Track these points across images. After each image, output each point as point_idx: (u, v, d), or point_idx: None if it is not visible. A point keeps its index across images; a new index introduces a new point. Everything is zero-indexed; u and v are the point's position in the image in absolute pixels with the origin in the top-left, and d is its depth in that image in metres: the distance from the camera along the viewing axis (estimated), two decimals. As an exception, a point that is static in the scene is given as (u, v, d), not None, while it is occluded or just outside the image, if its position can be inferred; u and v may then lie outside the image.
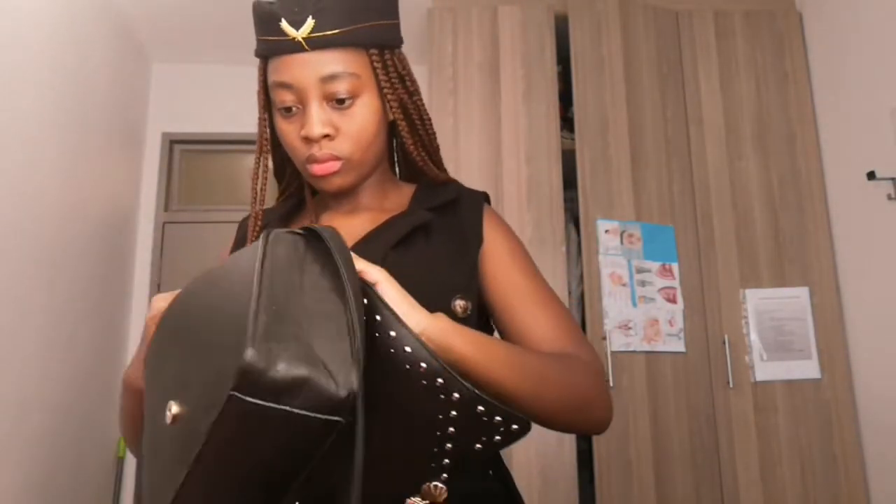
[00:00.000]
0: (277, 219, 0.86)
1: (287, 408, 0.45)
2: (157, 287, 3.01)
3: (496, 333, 0.85)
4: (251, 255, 0.55)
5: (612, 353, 2.05)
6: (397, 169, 0.96)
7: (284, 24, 0.73)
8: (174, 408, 0.49)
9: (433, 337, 0.61)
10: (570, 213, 2.42)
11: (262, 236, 0.57)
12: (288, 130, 0.78)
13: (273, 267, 0.52)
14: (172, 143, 3.23)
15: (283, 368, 0.44)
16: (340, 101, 0.76)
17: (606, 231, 2.16)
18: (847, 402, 2.14)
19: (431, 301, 0.72)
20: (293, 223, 0.88)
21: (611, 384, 2.01)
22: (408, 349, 0.56)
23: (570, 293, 2.24)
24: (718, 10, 2.46)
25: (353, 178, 0.80)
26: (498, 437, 0.58)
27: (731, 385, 2.14)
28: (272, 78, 0.77)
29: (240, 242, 0.88)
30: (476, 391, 0.56)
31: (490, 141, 2.28)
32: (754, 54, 2.43)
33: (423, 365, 0.55)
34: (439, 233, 0.81)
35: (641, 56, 2.36)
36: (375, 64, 0.77)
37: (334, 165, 0.77)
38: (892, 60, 2.03)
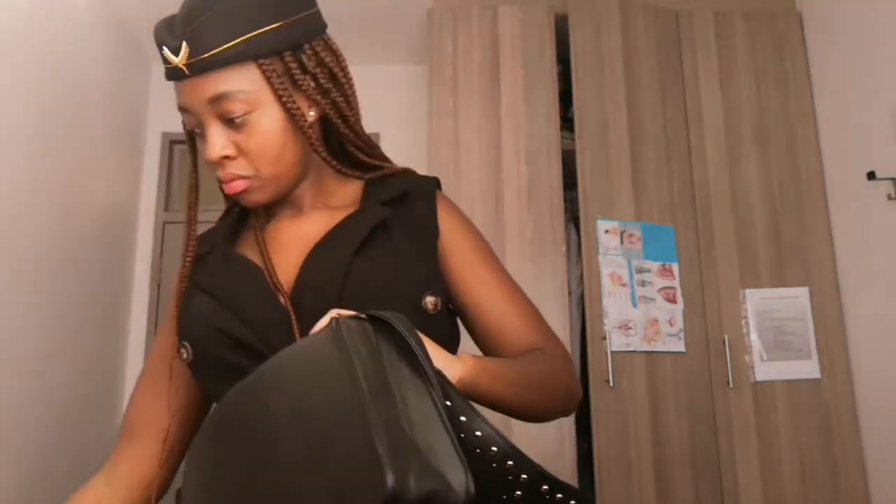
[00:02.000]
0: (222, 240, 0.83)
1: None
2: (157, 287, 3.01)
3: (464, 331, 0.85)
4: (327, 351, 0.53)
5: (612, 353, 2.05)
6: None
7: (166, 52, 0.72)
8: None
9: (466, 381, 0.64)
10: (570, 213, 2.42)
11: (329, 328, 0.55)
12: (201, 151, 0.77)
13: (363, 367, 0.51)
14: (172, 143, 3.22)
15: (415, 487, 0.45)
16: (236, 119, 0.73)
17: (606, 231, 2.16)
18: (847, 402, 2.14)
19: (403, 300, 0.73)
20: (240, 238, 0.85)
21: (611, 384, 2.01)
22: (479, 433, 0.56)
23: (570, 293, 2.24)
24: (718, 10, 2.46)
25: (271, 191, 0.78)
26: None
27: (731, 385, 2.14)
28: (176, 102, 0.76)
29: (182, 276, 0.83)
30: (543, 470, 0.57)
31: (490, 141, 2.28)
32: (754, 54, 2.43)
33: (494, 448, 0.56)
34: (398, 228, 0.80)
35: (641, 56, 2.36)
36: (268, 74, 0.73)
37: (241, 184, 0.76)
38: (892, 60, 2.03)
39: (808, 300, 2.22)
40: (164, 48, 0.72)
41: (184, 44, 0.70)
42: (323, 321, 0.59)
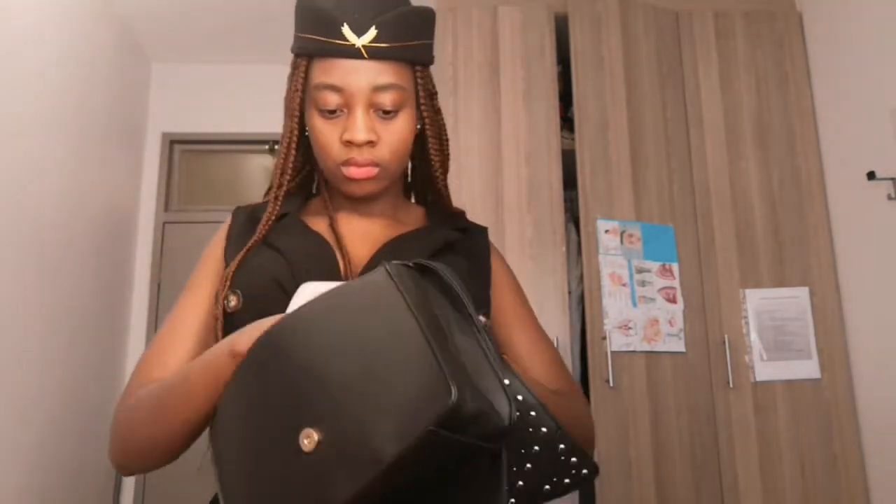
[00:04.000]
0: (296, 210, 0.86)
1: (468, 439, 0.48)
2: (157, 287, 3.01)
3: None
4: (381, 284, 0.56)
5: (612, 353, 2.05)
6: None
7: (346, 30, 0.74)
8: (315, 435, 0.51)
9: None
10: (570, 213, 2.42)
11: (381, 267, 0.58)
12: (327, 131, 0.78)
13: (414, 299, 0.54)
14: (172, 143, 3.23)
15: (471, 404, 0.48)
16: (386, 112, 0.77)
17: (606, 231, 2.16)
18: (847, 402, 2.14)
19: None
20: (305, 218, 0.87)
21: (611, 384, 2.01)
22: (506, 381, 0.58)
23: (570, 293, 2.24)
24: (718, 10, 2.46)
25: (383, 185, 0.82)
26: (567, 480, 0.61)
27: (731, 385, 2.14)
28: (319, 79, 0.77)
29: (238, 232, 0.85)
30: (563, 428, 0.59)
31: (490, 141, 2.28)
32: (754, 54, 2.43)
33: (520, 397, 0.59)
34: (462, 252, 0.85)
35: (641, 56, 2.36)
36: (419, 80, 0.80)
37: (372, 171, 0.79)
38: (892, 60, 2.03)
39: (808, 300, 2.22)
40: (346, 25, 0.75)
41: (373, 27, 0.75)
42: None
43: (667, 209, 2.26)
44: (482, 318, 0.77)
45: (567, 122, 2.40)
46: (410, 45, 0.78)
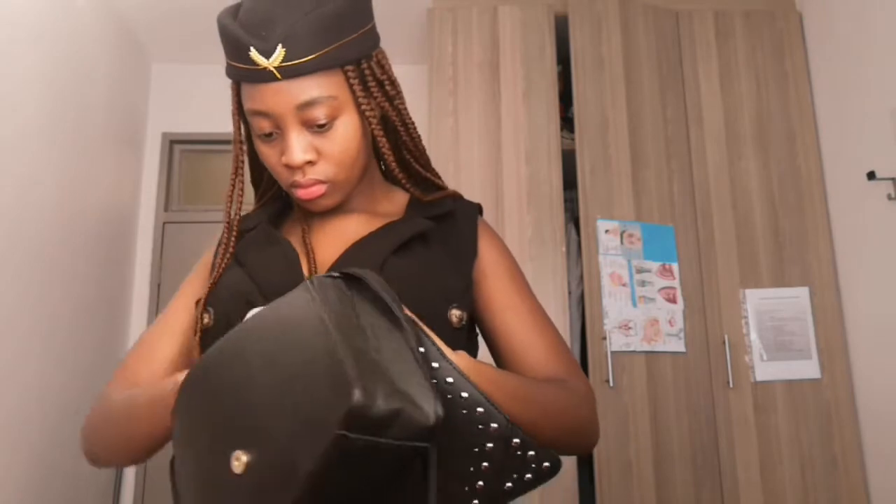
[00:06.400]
0: (266, 220, 0.85)
1: (385, 440, 0.48)
2: (157, 287, 3.01)
3: (483, 352, 0.85)
4: (300, 302, 0.56)
5: (612, 353, 2.05)
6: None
7: (254, 54, 0.70)
8: (244, 457, 0.51)
9: None
10: (570, 213, 2.42)
11: (304, 284, 0.58)
12: (269, 154, 0.77)
13: (333, 311, 0.54)
14: (172, 143, 3.22)
15: (382, 403, 0.47)
16: (320, 126, 0.74)
17: (606, 231, 2.16)
18: (847, 402, 2.14)
19: (429, 308, 0.73)
20: (282, 226, 0.87)
21: (611, 384, 2.01)
22: (450, 380, 0.57)
23: (570, 293, 2.24)
24: (718, 10, 2.47)
25: (340, 196, 0.79)
26: (529, 476, 0.59)
27: (731, 385, 2.14)
28: (247, 105, 0.75)
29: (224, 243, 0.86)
30: (512, 422, 0.58)
31: (490, 141, 2.28)
32: (754, 54, 2.44)
33: (465, 395, 0.57)
34: (436, 241, 0.81)
35: (641, 56, 2.36)
36: (352, 81, 0.75)
37: (319, 189, 0.76)
38: (892, 60, 2.03)
39: (808, 300, 2.22)
40: (252, 49, 0.70)
41: (279, 46, 0.69)
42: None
43: (667, 209, 2.26)
44: (455, 313, 0.76)
45: (567, 122, 2.40)
46: (330, 50, 0.72)
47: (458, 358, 0.65)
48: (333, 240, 0.82)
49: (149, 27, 2.92)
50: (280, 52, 0.70)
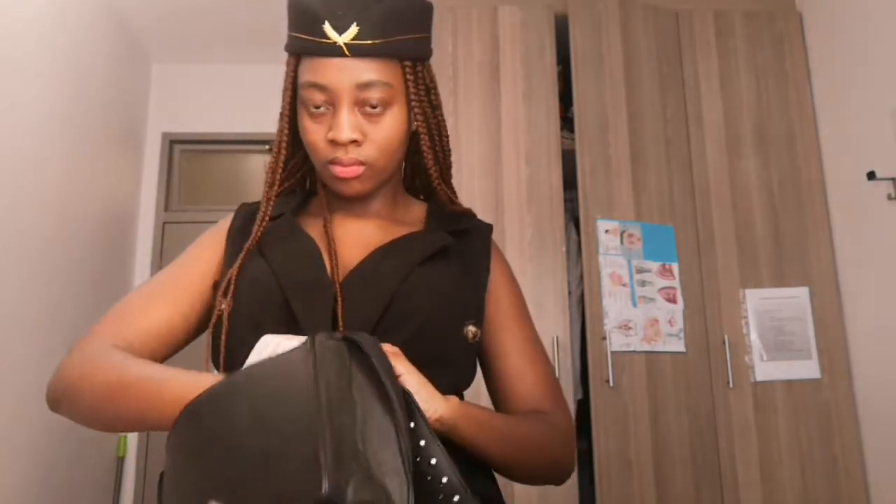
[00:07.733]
0: (291, 212, 0.85)
1: None
2: (157, 287, 3.01)
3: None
4: (298, 365, 0.56)
5: (612, 353, 2.05)
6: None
7: (327, 27, 0.74)
8: None
9: (446, 420, 0.67)
10: (570, 213, 2.42)
11: (308, 341, 0.58)
12: (314, 129, 0.78)
13: (328, 382, 0.54)
14: (172, 143, 3.23)
15: (352, 496, 0.48)
16: (372, 108, 0.76)
17: (606, 231, 2.16)
18: (847, 402, 2.14)
19: (446, 323, 0.76)
20: (302, 218, 0.87)
21: (611, 384, 2.01)
22: (433, 461, 0.59)
23: (570, 293, 2.24)
24: (718, 10, 2.46)
25: (373, 184, 0.81)
26: None
27: (731, 385, 2.14)
28: (306, 77, 0.77)
29: (238, 229, 0.86)
30: None
31: (490, 141, 2.28)
32: (754, 54, 2.43)
33: (444, 480, 0.59)
34: (455, 257, 0.83)
35: (641, 56, 2.36)
36: (408, 76, 0.79)
37: (357, 170, 0.78)
38: (892, 60, 2.03)
39: (808, 300, 2.22)
40: (327, 23, 0.73)
41: (354, 24, 0.73)
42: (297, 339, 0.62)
43: (667, 209, 2.26)
44: (471, 329, 0.78)
45: (567, 122, 2.40)
46: (396, 40, 0.76)
47: (448, 402, 0.67)
48: (355, 241, 0.82)
49: (149, 27, 2.92)
50: (354, 29, 0.73)
